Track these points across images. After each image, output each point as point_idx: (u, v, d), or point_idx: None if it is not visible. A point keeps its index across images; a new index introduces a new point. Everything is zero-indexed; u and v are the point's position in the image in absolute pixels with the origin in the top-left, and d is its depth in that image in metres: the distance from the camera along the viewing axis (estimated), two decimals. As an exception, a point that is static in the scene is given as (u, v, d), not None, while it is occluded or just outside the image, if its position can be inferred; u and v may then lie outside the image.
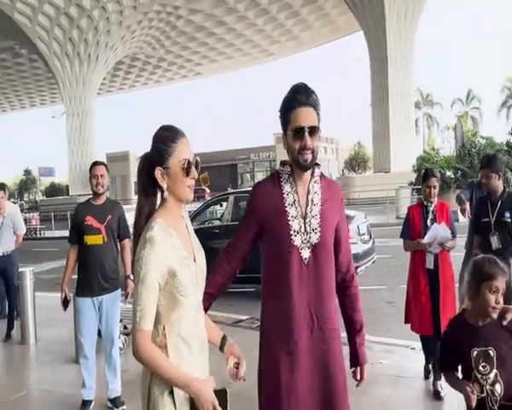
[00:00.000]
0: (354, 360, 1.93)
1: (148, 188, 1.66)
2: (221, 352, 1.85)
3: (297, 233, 1.86)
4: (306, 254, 1.85)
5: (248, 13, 39.50)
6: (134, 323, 1.55)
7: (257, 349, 1.99)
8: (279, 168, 1.98)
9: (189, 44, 45.34)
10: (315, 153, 1.86)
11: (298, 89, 1.86)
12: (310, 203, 1.89)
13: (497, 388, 1.95)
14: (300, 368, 1.83)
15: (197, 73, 55.34)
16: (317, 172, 1.95)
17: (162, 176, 1.62)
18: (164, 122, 1.75)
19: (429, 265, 3.83)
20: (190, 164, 1.62)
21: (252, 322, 5.82)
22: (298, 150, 1.84)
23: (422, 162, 19.63)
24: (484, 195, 4.07)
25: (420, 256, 3.88)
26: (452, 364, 2.08)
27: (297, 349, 1.83)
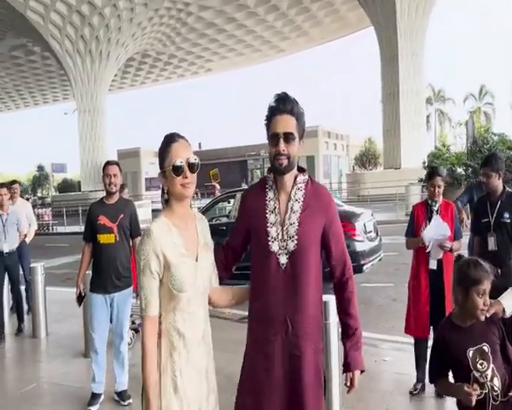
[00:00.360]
0: (345, 365, 1.94)
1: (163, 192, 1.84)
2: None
3: (274, 240, 1.90)
4: (284, 260, 1.89)
5: (258, 9, 39.38)
6: (141, 310, 1.71)
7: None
8: (266, 175, 2.03)
9: (200, 41, 45.35)
10: (291, 158, 1.89)
11: (278, 98, 1.92)
12: (289, 211, 1.92)
13: (496, 382, 1.98)
14: (274, 369, 1.87)
15: (208, 70, 55.37)
16: (302, 178, 1.98)
17: (162, 178, 1.79)
18: (174, 118, 1.87)
19: (432, 265, 3.73)
20: (176, 166, 1.73)
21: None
22: (274, 155, 1.89)
23: (433, 159, 19.42)
24: (483, 195, 3.98)
25: (423, 256, 3.77)
26: (444, 371, 2.10)
27: (273, 350, 1.88)
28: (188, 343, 1.73)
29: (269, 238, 1.91)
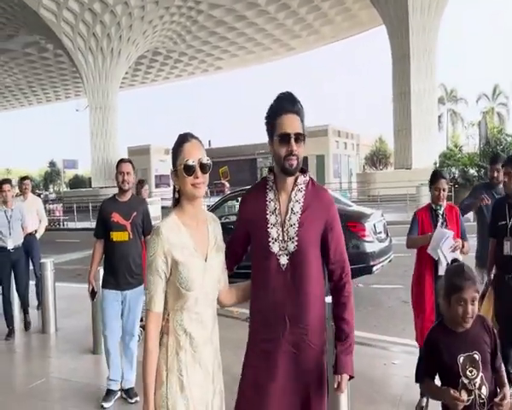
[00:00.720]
0: (335, 368, 1.93)
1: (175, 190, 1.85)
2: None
3: (275, 241, 1.90)
4: (284, 260, 1.89)
5: (269, 7, 39.28)
6: (145, 304, 1.73)
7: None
8: (267, 175, 2.01)
9: (210, 39, 45.37)
10: (299, 159, 1.88)
11: (284, 97, 1.91)
12: (289, 212, 1.91)
13: (484, 390, 1.96)
14: (275, 367, 1.87)
15: (218, 68, 55.41)
16: (302, 179, 1.96)
17: (174, 177, 1.80)
18: (185, 116, 1.88)
19: (442, 272, 3.37)
20: (188, 166, 1.73)
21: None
22: (284, 156, 1.86)
23: (445, 159, 19.34)
24: (503, 196, 3.83)
25: (428, 259, 3.56)
26: (432, 373, 2.07)
27: (273, 350, 1.88)
28: (194, 343, 1.73)
29: (269, 239, 1.90)
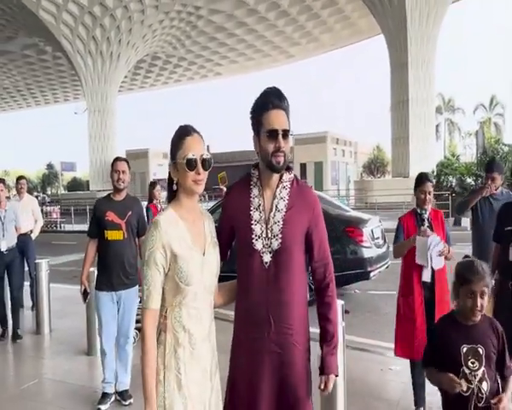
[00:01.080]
0: (320, 369, 1.92)
1: (171, 182, 1.80)
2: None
3: (258, 238, 1.87)
4: (267, 258, 1.86)
5: (269, 14, 39.49)
6: (142, 302, 1.67)
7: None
8: (251, 171, 1.98)
9: (210, 44, 45.55)
10: (286, 156, 1.86)
11: (271, 92, 1.87)
12: (274, 209, 1.89)
13: (484, 386, 1.99)
14: (262, 366, 1.86)
15: (217, 74, 55.58)
16: (287, 176, 1.94)
17: (173, 169, 1.76)
18: (183, 121, 1.83)
19: (427, 278, 3.42)
20: (191, 159, 1.70)
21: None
22: (272, 152, 1.83)
23: (442, 168, 19.36)
24: (509, 201, 3.71)
25: (416, 268, 3.46)
26: (435, 360, 2.10)
27: (258, 347, 1.86)
28: (193, 339, 1.70)
29: (253, 236, 1.87)
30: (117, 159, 3.88)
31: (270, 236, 1.86)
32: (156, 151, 43.84)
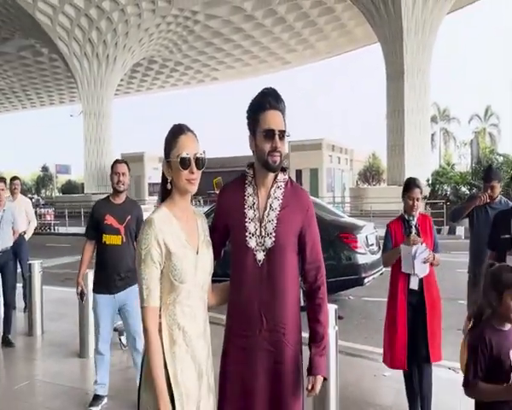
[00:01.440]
0: (309, 370, 1.92)
1: (165, 181, 1.79)
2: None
3: (252, 236, 1.88)
4: (261, 256, 1.87)
5: (266, 21, 39.63)
6: (141, 301, 1.65)
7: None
8: (245, 170, 1.99)
9: (206, 49, 45.61)
10: (282, 156, 1.88)
11: (268, 92, 1.89)
12: (268, 207, 1.90)
13: None
14: (251, 363, 1.86)
15: (214, 79, 55.66)
16: (282, 177, 1.95)
17: (166, 168, 1.76)
18: None
19: (414, 286, 3.37)
20: (184, 158, 1.70)
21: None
22: (268, 152, 1.85)
23: (437, 177, 19.44)
24: (508, 209, 3.68)
25: (401, 278, 3.42)
26: (483, 374, 2.09)
27: (250, 345, 1.87)
28: (187, 337, 1.69)
29: (246, 234, 1.88)
30: (117, 161, 3.85)
31: (263, 234, 1.88)
32: (152, 155, 43.73)
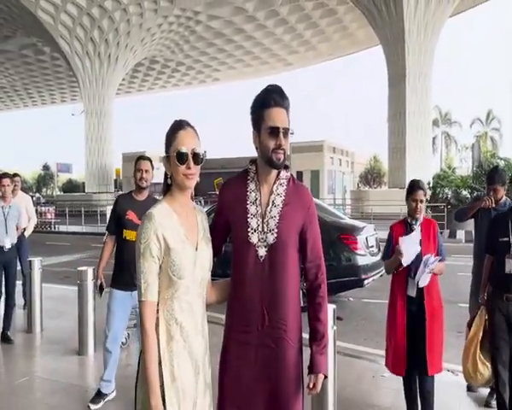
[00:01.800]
0: (309, 368, 1.92)
1: (166, 176, 1.80)
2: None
3: (254, 231, 1.88)
4: (262, 252, 1.87)
5: (268, 22, 39.65)
6: (139, 295, 1.64)
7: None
8: (248, 166, 2.00)
9: (208, 50, 45.65)
10: (286, 154, 1.88)
11: (274, 89, 1.89)
12: (270, 204, 1.91)
13: None
14: (250, 358, 1.86)
15: (215, 79, 55.70)
16: (284, 174, 1.96)
17: (166, 163, 1.77)
18: None
19: (411, 292, 3.28)
20: (181, 153, 1.71)
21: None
22: (272, 149, 1.85)
23: (438, 180, 19.43)
24: (504, 211, 3.62)
25: (400, 281, 3.37)
26: None
27: (249, 340, 1.87)
28: (185, 332, 1.69)
29: (249, 229, 1.88)
30: (140, 157, 3.84)
31: (265, 230, 1.88)
32: (152, 154, 43.54)
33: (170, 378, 1.63)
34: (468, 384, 3.89)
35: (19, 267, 6.57)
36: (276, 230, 1.87)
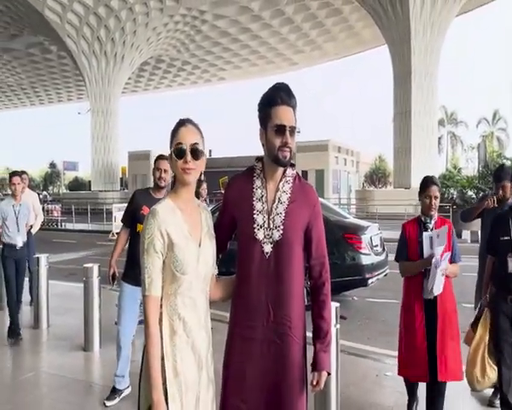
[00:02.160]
0: (313, 365, 1.93)
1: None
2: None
3: (260, 228, 1.90)
4: (268, 248, 1.88)
5: (273, 21, 39.63)
6: (143, 290, 1.67)
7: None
8: (254, 164, 2.02)
9: (214, 49, 45.68)
10: (292, 152, 1.90)
11: (281, 88, 1.90)
12: (276, 201, 1.92)
13: None
14: (255, 353, 1.87)
15: (221, 78, 55.73)
16: (290, 172, 1.98)
17: (170, 160, 1.80)
18: None
19: (428, 294, 3.11)
20: (179, 148, 1.73)
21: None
22: (278, 147, 1.87)
23: (444, 180, 19.37)
24: (505, 210, 3.51)
25: (417, 283, 3.20)
26: None
27: (254, 335, 1.88)
28: (188, 327, 1.70)
29: (255, 226, 1.89)
30: (160, 157, 3.84)
31: (271, 226, 1.89)
32: (158, 153, 43.84)
33: (173, 373, 1.65)
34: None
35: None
36: (282, 226, 1.89)
